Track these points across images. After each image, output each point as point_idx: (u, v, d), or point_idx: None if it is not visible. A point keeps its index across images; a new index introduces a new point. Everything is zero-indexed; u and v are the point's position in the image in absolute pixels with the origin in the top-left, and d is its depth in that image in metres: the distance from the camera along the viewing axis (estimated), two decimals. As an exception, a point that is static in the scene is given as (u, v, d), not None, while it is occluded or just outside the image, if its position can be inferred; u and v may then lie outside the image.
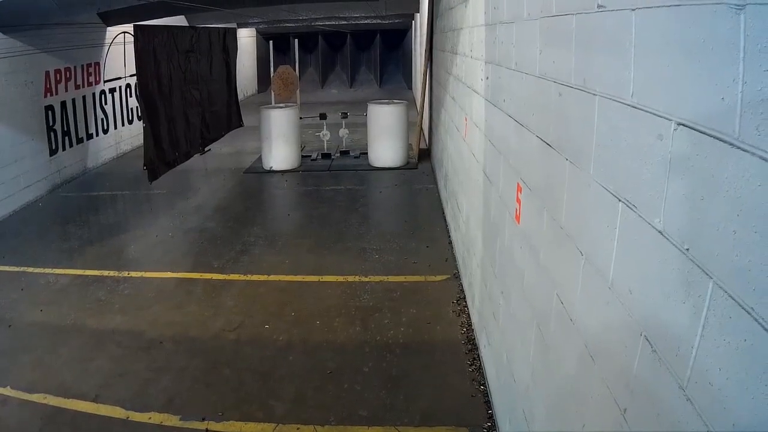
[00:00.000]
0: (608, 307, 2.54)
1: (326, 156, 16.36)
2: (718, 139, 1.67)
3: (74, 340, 7.18)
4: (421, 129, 16.38)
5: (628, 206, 2.31)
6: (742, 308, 1.54)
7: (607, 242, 2.54)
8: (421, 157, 15.55)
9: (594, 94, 2.75)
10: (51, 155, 13.97)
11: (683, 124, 1.89)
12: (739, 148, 1.57)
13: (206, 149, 14.99)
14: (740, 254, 1.56)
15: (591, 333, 2.83)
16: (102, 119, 16.51)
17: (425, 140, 16.45)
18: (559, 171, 3.33)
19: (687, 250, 1.85)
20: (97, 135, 16.24)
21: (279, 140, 15.25)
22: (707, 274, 1.72)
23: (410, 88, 30.67)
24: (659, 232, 2.03)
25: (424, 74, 15.29)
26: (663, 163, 2.03)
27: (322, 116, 16.41)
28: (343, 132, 16.63)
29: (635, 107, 2.26)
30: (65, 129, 14.62)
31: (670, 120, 1.97)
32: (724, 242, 1.65)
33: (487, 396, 5.70)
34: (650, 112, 2.13)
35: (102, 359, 6.74)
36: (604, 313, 2.60)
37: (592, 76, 2.81)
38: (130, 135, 17.62)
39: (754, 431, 1.51)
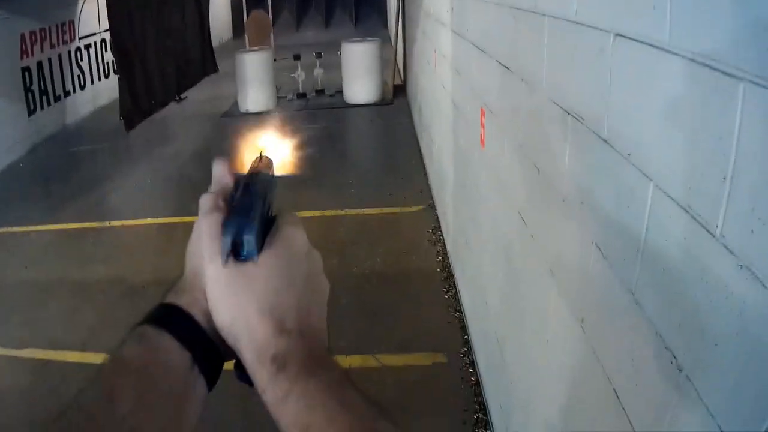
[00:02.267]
0: (563, 219, 2.60)
1: (302, 96, 16.24)
2: (651, 45, 1.72)
3: (60, 294, 7.23)
4: (396, 65, 16.33)
5: (576, 119, 2.36)
6: (680, 207, 1.58)
7: (560, 157, 2.60)
8: (396, 93, 15.48)
9: (543, 15, 2.80)
10: (30, 115, 13.79)
11: (621, 35, 1.94)
12: (669, 51, 1.62)
13: (182, 96, 14.92)
14: (676, 156, 1.61)
15: (549, 247, 2.89)
16: (78, 75, 16.27)
17: (400, 76, 16.40)
18: (516, 92, 3.38)
19: (629, 155, 1.90)
20: (74, 92, 16.01)
21: (254, 83, 15.18)
22: (647, 177, 1.77)
23: (386, 26, 30.41)
24: (605, 140, 2.08)
25: (397, 11, 15.23)
26: (605, 73, 2.08)
27: (296, 57, 16.31)
28: (317, 71, 16.52)
29: (578, 23, 2.31)
30: (42, 88, 14.43)
31: (609, 33, 2.01)
32: (660, 145, 1.70)
33: (463, 322, 5.77)
34: (592, 27, 2.17)
35: (87, 310, 6.80)
36: (561, 224, 2.66)
37: (542, -2, 2.86)
38: (107, 89, 17.26)
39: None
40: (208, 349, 0.94)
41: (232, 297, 0.92)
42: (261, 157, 1.15)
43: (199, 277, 0.96)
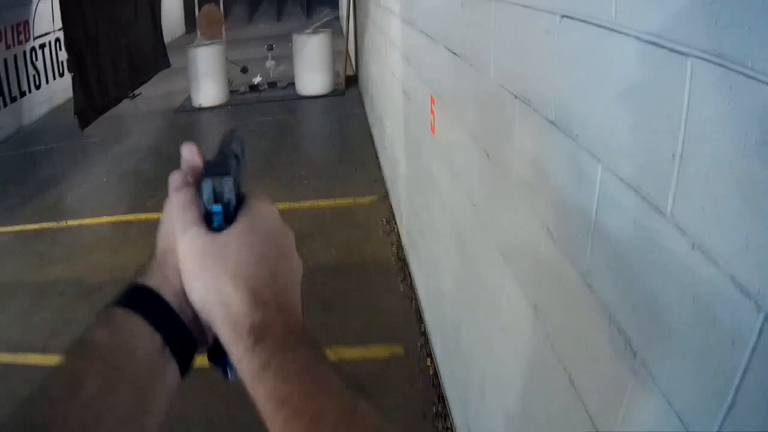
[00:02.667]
0: (514, 204, 2.59)
1: (254, 89, 16.21)
2: (597, 25, 1.70)
3: (19, 296, 7.17)
4: (348, 56, 16.34)
5: (524, 102, 2.34)
6: (630, 187, 1.57)
7: (509, 141, 2.58)
8: (349, 84, 15.47)
9: (489, -1, 2.78)
10: (-15, 118, 13.71)
11: (567, 16, 1.91)
12: (615, 30, 1.60)
13: (136, 93, 14.86)
14: (624, 136, 1.59)
15: (501, 233, 2.88)
16: (34, 75, 16.18)
17: (352, 67, 16.40)
18: (464, 78, 3.37)
19: (577, 136, 1.88)
20: (30, 92, 15.93)
21: (206, 77, 15.14)
22: (596, 158, 1.75)
23: (338, 18, 30.49)
24: (552, 122, 2.06)
25: (348, 2, 15.25)
26: (551, 55, 2.06)
27: (244, 70, 16.38)
28: (269, 64, 16.52)
29: (525, 6, 2.29)
30: (-1, 90, 14.37)
31: (555, 14, 1.99)
32: (608, 125, 1.68)
33: (420, 312, 5.76)
34: (538, 9, 2.15)
35: (47, 311, 6.74)
36: (512, 209, 2.65)
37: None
38: (62, 88, 17.05)
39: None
40: (180, 331, 0.92)
41: (206, 269, 0.91)
42: (232, 132, 1.14)
43: (171, 254, 0.95)
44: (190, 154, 1.06)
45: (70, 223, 9.10)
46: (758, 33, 1.09)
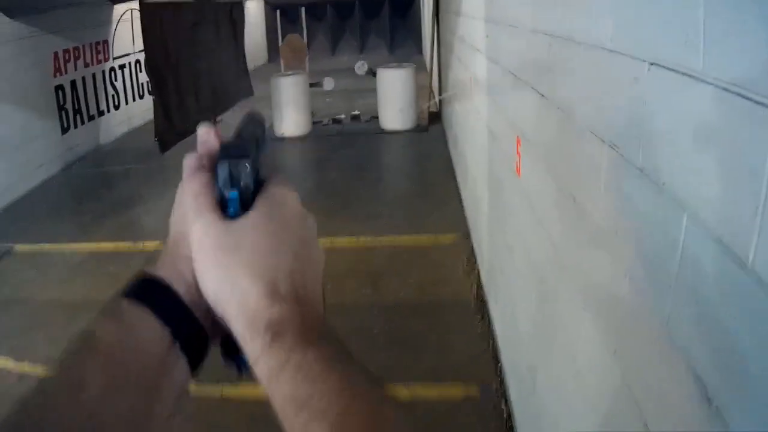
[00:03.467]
0: (597, 249, 2.58)
1: (337, 121, 16.35)
2: (685, 74, 1.71)
3: (89, 314, 6.95)
4: (431, 91, 16.35)
5: (611, 148, 2.35)
6: (713, 238, 1.56)
7: (595, 186, 2.58)
8: (432, 119, 15.42)
9: (578, 43, 2.79)
10: (63, 134, 13.92)
11: (655, 64, 1.92)
12: (703, 80, 1.60)
13: (218, 119, 15.02)
14: (709, 187, 1.58)
15: (583, 277, 2.87)
16: (113, 95, 16.46)
17: (435, 102, 16.40)
18: (552, 120, 3.37)
19: (663, 185, 1.88)
20: (108, 111, 16.18)
21: (289, 107, 15.31)
22: (681, 208, 1.75)
23: (421, 52, 30.44)
24: (640, 170, 2.07)
25: (432, 37, 15.28)
26: (639, 102, 2.07)
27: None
28: (355, 113, 16.71)
29: (613, 51, 2.30)
30: (76, 107, 14.57)
31: (644, 61, 2.00)
32: (693, 175, 1.68)
33: (496, 353, 5.74)
34: (627, 55, 2.16)
35: (116, 331, 6.79)
36: (593, 255, 2.65)
37: (576, 26, 2.85)
38: (141, 110, 17.35)
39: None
40: (191, 325, 0.88)
41: (220, 260, 0.86)
42: (251, 113, 1.12)
43: (183, 244, 0.92)
44: (206, 135, 1.00)
45: (147, 245, 9.13)
46: None
